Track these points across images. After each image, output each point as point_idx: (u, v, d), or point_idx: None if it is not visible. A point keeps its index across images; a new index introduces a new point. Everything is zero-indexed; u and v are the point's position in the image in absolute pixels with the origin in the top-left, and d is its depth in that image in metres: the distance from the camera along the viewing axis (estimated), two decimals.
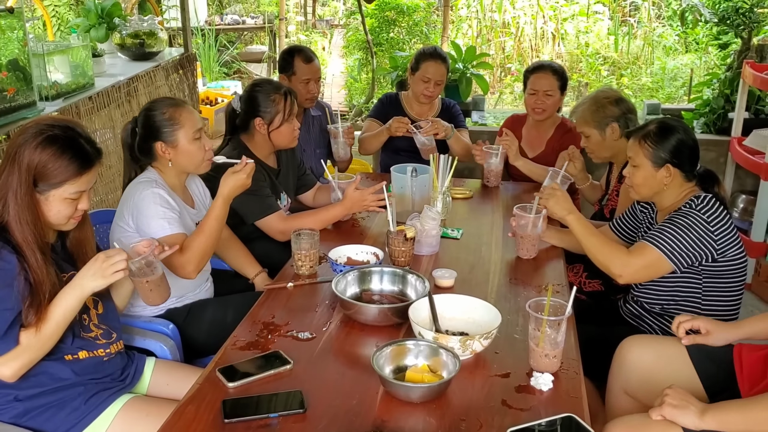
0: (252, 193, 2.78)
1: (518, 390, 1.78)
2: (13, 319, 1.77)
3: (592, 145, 3.14)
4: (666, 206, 2.48)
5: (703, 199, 2.34)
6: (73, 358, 1.93)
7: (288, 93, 2.95)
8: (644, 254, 2.34)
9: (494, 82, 9.67)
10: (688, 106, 5.89)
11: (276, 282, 2.40)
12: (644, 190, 2.47)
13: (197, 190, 2.71)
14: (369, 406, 1.70)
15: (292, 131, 2.97)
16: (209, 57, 9.86)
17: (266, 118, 2.92)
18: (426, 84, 3.77)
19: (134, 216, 2.36)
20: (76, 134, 1.89)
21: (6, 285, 1.77)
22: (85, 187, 1.90)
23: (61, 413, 1.90)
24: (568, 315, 1.85)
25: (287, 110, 2.93)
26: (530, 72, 3.69)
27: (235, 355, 1.92)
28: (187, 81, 5.46)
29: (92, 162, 1.90)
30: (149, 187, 2.38)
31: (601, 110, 3.07)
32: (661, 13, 11.19)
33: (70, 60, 3.96)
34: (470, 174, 4.37)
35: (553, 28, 10.15)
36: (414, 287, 2.24)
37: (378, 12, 9.41)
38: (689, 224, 2.30)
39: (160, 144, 2.43)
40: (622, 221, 2.77)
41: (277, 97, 2.92)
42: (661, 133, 2.41)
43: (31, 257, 1.81)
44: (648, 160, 2.41)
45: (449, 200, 2.99)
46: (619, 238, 2.75)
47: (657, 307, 2.50)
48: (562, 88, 3.63)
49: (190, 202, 2.60)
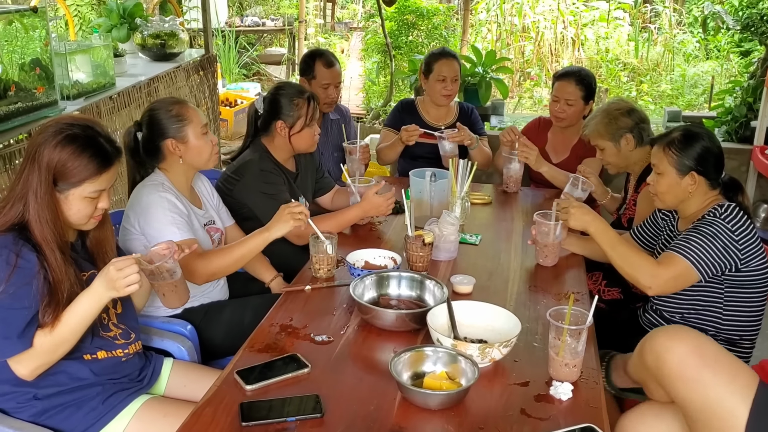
0: (271, 197, 2.79)
1: (537, 399, 1.76)
2: (31, 319, 1.78)
3: (607, 157, 3.12)
4: (689, 214, 2.46)
5: (727, 207, 2.32)
6: (91, 357, 1.94)
7: (311, 98, 2.95)
8: (673, 264, 2.29)
9: (513, 87, 9.64)
10: (710, 114, 5.84)
11: (294, 285, 2.39)
12: (668, 197, 2.45)
13: (204, 190, 2.71)
14: (386, 412, 1.69)
15: (312, 136, 2.97)
16: (229, 58, 9.91)
17: (288, 121, 2.92)
18: (443, 83, 3.76)
19: (141, 221, 2.36)
20: (96, 133, 1.89)
21: (25, 283, 1.77)
22: (104, 185, 1.90)
23: (78, 413, 1.91)
24: (589, 324, 1.84)
25: (309, 115, 2.93)
26: (557, 78, 3.67)
27: (252, 358, 1.92)
28: (207, 82, 5.47)
29: (111, 161, 1.90)
30: (156, 191, 2.38)
31: (613, 122, 3.05)
32: (682, 20, 11.12)
33: (92, 60, 3.98)
34: (488, 179, 4.35)
35: (573, 33, 10.11)
36: (432, 293, 2.23)
37: (397, 15, 9.41)
38: (715, 233, 2.27)
39: (170, 141, 2.44)
40: (643, 229, 2.74)
41: (300, 101, 2.92)
42: (686, 140, 2.39)
43: (50, 256, 1.82)
44: (673, 168, 2.38)
45: (468, 205, 2.97)
46: (640, 247, 2.73)
47: (677, 317, 2.47)
48: (586, 98, 3.60)
49: (197, 202, 2.61)
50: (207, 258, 2.37)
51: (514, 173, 3.46)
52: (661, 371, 1.84)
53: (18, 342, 1.76)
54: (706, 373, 1.77)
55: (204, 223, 2.57)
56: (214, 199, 2.74)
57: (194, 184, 2.64)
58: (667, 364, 1.82)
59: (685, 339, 1.84)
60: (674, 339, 1.85)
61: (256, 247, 2.41)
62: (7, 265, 1.76)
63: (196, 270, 2.33)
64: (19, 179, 1.85)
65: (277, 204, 2.79)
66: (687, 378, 1.79)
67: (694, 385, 1.77)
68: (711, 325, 2.40)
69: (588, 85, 3.60)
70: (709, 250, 2.26)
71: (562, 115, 3.59)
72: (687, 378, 1.79)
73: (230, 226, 2.78)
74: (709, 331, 2.40)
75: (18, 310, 1.76)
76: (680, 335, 1.86)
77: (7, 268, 1.76)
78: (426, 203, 2.97)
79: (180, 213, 2.38)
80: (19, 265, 1.77)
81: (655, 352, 1.87)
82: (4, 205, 1.85)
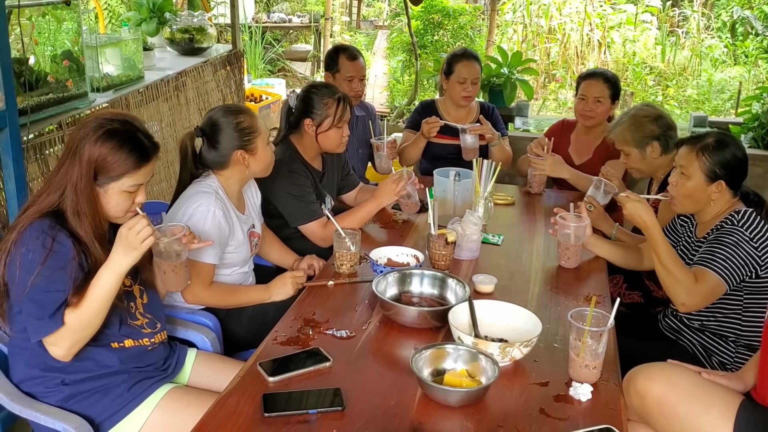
0: (298, 198, 2.82)
1: (557, 399, 1.78)
2: (63, 301, 1.81)
3: (632, 162, 3.09)
4: (707, 220, 2.44)
5: (744, 213, 2.31)
6: (119, 346, 1.98)
7: (342, 99, 2.96)
8: (705, 281, 2.26)
9: (538, 88, 9.61)
10: (736, 120, 5.80)
11: (317, 280, 2.42)
12: (688, 202, 2.43)
13: (252, 196, 2.74)
14: (407, 407, 1.71)
15: (340, 137, 2.99)
16: (255, 54, 9.96)
17: (316, 119, 2.94)
18: (463, 85, 3.76)
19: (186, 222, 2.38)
20: (135, 128, 1.93)
21: (60, 267, 1.81)
22: (142, 180, 1.94)
23: (105, 399, 1.95)
24: (610, 327, 1.84)
25: (338, 115, 2.94)
26: (583, 78, 3.67)
27: (275, 350, 1.95)
28: (234, 77, 5.52)
29: (150, 156, 1.94)
30: (208, 200, 2.39)
31: (640, 129, 3.00)
32: (710, 24, 11.02)
33: (121, 53, 4.04)
34: (512, 180, 4.35)
35: (600, 35, 10.06)
36: (454, 291, 2.25)
37: (424, 14, 9.40)
38: (736, 242, 2.26)
39: (240, 153, 2.45)
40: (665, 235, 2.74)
41: (330, 101, 2.94)
42: (719, 147, 2.36)
43: (90, 246, 1.87)
44: (702, 173, 2.36)
45: (491, 206, 2.98)
46: None
47: (696, 323, 2.47)
48: (613, 97, 3.59)
49: (242, 207, 2.62)
50: (210, 291, 2.43)
51: (538, 174, 3.46)
52: (644, 410, 1.92)
53: (50, 322, 1.80)
54: (681, 408, 1.86)
55: (247, 228, 2.60)
56: (257, 202, 2.77)
57: (244, 189, 2.67)
58: (647, 406, 1.90)
59: (660, 378, 1.91)
60: (651, 380, 1.91)
61: (251, 301, 2.53)
62: (43, 249, 1.80)
63: (196, 294, 2.39)
64: (58, 171, 1.89)
65: (304, 206, 2.84)
66: (666, 416, 1.87)
67: (674, 421, 1.87)
68: (731, 331, 2.40)
69: (615, 85, 3.60)
70: (733, 260, 2.25)
71: (590, 114, 3.58)
72: (666, 416, 1.87)
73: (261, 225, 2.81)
74: (729, 337, 2.40)
75: (52, 293, 1.80)
76: (656, 375, 1.93)
77: (43, 251, 1.80)
78: (449, 202, 2.98)
79: (219, 233, 2.40)
80: (54, 249, 1.81)
81: (638, 394, 1.92)
82: (39, 195, 1.90)
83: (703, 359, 2.41)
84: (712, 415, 1.82)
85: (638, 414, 1.96)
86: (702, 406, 1.85)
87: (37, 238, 1.81)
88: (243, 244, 2.54)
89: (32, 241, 1.81)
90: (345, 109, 2.97)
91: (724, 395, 1.88)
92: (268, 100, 7.82)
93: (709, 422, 1.82)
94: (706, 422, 1.82)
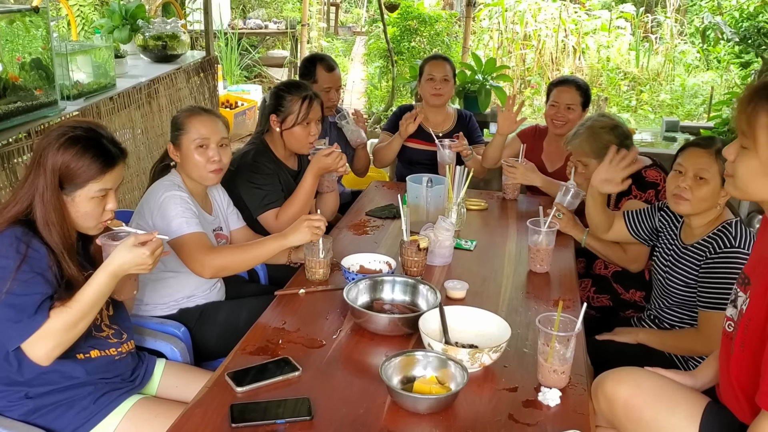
0: (258, 187, 2.84)
1: (525, 405, 1.77)
2: (43, 301, 1.78)
3: (590, 173, 3.08)
4: (701, 225, 2.43)
5: (735, 225, 2.33)
6: (85, 357, 1.95)
7: (309, 98, 2.95)
8: (711, 322, 2.28)
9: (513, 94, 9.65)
10: (707, 124, 5.86)
11: (288, 288, 2.40)
12: (704, 205, 2.38)
13: (218, 196, 2.73)
14: (376, 415, 1.70)
15: (305, 136, 2.97)
16: (231, 60, 9.93)
17: (280, 116, 2.95)
18: (432, 82, 3.83)
19: (154, 217, 2.38)
20: (98, 134, 1.92)
21: (37, 272, 1.79)
22: (110, 185, 1.92)
23: (70, 412, 1.91)
24: (577, 331, 1.85)
25: (302, 113, 2.93)
26: (554, 85, 3.69)
27: (244, 360, 1.93)
28: (207, 84, 5.49)
29: (115, 160, 1.92)
30: (170, 189, 2.41)
31: (598, 139, 2.97)
32: (684, 30, 11.15)
33: (93, 60, 4.00)
34: (486, 186, 4.36)
35: (575, 41, 10.14)
36: (425, 298, 2.24)
37: (400, 21, 9.43)
38: (733, 269, 2.25)
39: (170, 145, 2.50)
40: (637, 218, 2.75)
41: (295, 98, 2.94)
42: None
43: (60, 258, 1.85)
44: (720, 177, 2.33)
45: (464, 211, 2.98)
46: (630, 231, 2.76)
47: (677, 327, 2.50)
48: (584, 104, 3.61)
49: (208, 209, 2.62)
50: (219, 252, 2.40)
51: (512, 181, 3.47)
52: (612, 414, 1.92)
53: (31, 321, 1.76)
54: (647, 412, 1.86)
55: (213, 228, 2.59)
56: (225, 205, 2.76)
57: (208, 191, 2.66)
58: (615, 410, 1.91)
59: (627, 382, 1.92)
60: (619, 383, 1.92)
61: (270, 251, 2.42)
62: (17, 254, 1.78)
63: (206, 262, 2.34)
64: (24, 182, 1.88)
65: (262, 194, 2.83)
66: (633, 419, 1.88)
67: (640, 424, 1.87)
68: None
69: (586, 92, 3.62)
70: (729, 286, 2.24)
71: (561, 120, 3.58)
72: (633, 419, 1.88)
73: (238, 228, 2.78)
74: None
75: (30, 296, 1.77)
76: (623, 379, 1.93)
77: (17, 257, 1.77)
78: (422, 208, 2.98)
79: (190, 209, 2.40)
80: (29, 255, 1.79)
81: (606, 398, 1.93)
82: (6, 206, 1.87)
83: (679, 363, 2.42)
84: (677, 418, 1.83)
85: (607, 419, 1.96)
86: (668, 409, 1.86)
87: (10, 245, 1.79)
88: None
89: (5, 247, 1.79)
90: (311, 108, 2.95)
91: (690, 398, 1.89)
92: (244, 106, 7.80)
93: (675, 425, 1.83)
94: (672, 425, 1.83)
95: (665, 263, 2.56)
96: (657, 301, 2.61)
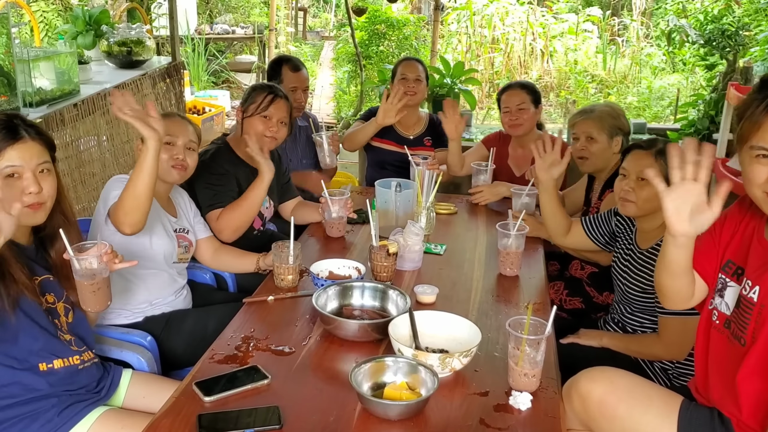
0: (209, 185, 2.85)
1: (496, 409, 1.77)
2: None
3: (594, 149, 3.11)
4: (651, 228, 2.45)
5: None
6: (47, 368, 1.90)
7: (273, 93, 2.99)
8: (669, 326, 2.31)
9: (482, 98, 9.71)
10: (674, 126, 5.93)
11: (256, 295, 2.38)
12: (648, 206, 2.40)
13: (182, 202, 2.72)
14: (346, 423, 1.68)
15: (262, 129, 2.96)
16: (198, 66, 9.85)
17: (244, 106, 3.00)
18: (405, 82, 3.83)
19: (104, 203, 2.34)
20: (10, 116, 1.88)
21: None
22: (17, 161, 1.84)
23: (33, 425, 1.87)
24: (547, 335, 1.84)
25: (263, 104, 2.96)
26: (501, 92, 3.74)
27: (212, 369, 1.90)
28: (173, 90, 5.43)
29: (17, 134, 1.85)
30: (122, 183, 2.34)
31: (617, 119, 3.09)
32: (650, 33, 11.29)
33: (56, 66, 3.93)
34: (456, 190, 4.36)
35: (542, 45, 10.22)
36: (395, 303, 2.23)
37: (368, 25, 9.44)
38: None
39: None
40: (595, 223, 2.78)
41: (260, 91, 3.00)
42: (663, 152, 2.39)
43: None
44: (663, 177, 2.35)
45: (433, 216, 2.98)
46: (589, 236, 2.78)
47: (638, 331, 2.51)
48: (535, 102, 3.64)
49: (172, 211, 2.60)
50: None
51: (485, 202, 3.47)
52: (586, 413, 1.94)
53: None
54: (621, 408, 1.89)
55: (175, 228, 2.57)
56: (191, 213, 2.73)
57: (172, 195, 2.64)
58: (589, 408, 1.93)
59: (601, 380, 1.95)
60: (593, 381, 1.95)
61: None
62: None
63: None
64: None
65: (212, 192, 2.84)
66: (608, 416, 1.90)
67: (615, 421, 1.89)
68: None
69: (533, 90, 3.67)
70: None
71: (517, 122, 3.61)
72: (608, 416, 1.90)
73: (205, 238, 2.76)
74: None
75: None
76: (597, 377, 1.96)
77: None
78: (391, 213, 2.97)
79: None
80: None
81: (580, 396, 1.95)
82: None
83: (644, 365, 2.43)
84: (651, 415, 1.86)
85: (581, 419, 1.97)
86: (642, 406, 1.88)
87: None
88: (165, 237, 2.50)
89: None
90: (273, 102, 2.97)
91: (663, 396, 1.92)
92: (212, 112, 7.74)
93: (649, 422, 1.85)
94: (645, 421, 1.85)
95: (623, 269, 2.57)
96: (618, 306, 2.62)
